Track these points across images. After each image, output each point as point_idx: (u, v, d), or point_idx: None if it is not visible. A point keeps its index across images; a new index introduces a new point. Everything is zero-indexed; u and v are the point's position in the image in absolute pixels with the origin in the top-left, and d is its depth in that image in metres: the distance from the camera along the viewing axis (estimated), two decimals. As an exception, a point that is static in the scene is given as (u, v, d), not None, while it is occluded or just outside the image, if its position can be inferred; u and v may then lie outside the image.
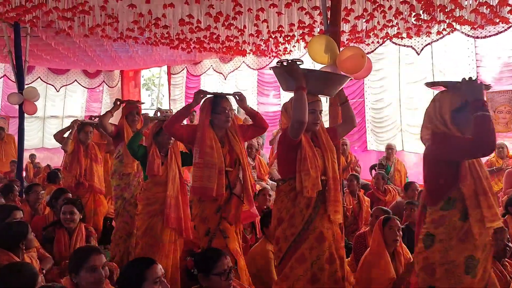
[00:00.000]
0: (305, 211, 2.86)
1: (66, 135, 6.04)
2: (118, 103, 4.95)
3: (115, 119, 5.08)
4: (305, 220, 2.86)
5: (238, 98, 3.56)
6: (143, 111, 6.24)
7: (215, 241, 3.34)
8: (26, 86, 7.41)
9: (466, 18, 6.19)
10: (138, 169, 4.67)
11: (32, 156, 10.86)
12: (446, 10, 5.77)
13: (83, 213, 4.25)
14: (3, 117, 12.33)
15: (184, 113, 3.55)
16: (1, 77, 12.37)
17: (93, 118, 6.29)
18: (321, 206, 2.90)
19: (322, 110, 3.06)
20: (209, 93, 3.51)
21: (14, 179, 6.65)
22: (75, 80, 13.63)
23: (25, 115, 7.48)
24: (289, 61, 2.92)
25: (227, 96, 3.54)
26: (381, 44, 8.34)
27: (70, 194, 4.87)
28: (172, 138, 3.89)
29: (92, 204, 5.40)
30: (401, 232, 3.55)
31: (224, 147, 3.46)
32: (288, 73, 2.90)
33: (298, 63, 2.90)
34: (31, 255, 3.36)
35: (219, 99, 3.49)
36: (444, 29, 7.07)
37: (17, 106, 7.53)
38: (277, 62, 3.02)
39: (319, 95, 3.05)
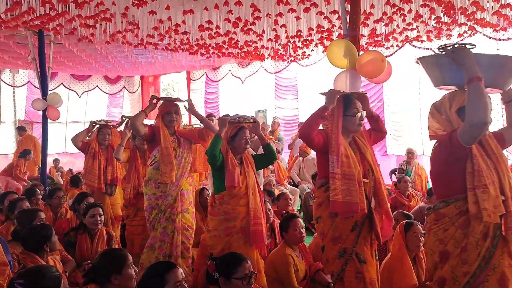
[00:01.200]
0: (481, 243, 2.25)
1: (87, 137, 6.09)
2: (155, 101, 4.12)
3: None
4: (482, 255, 2.25)
5: (362, 99, 3.16)
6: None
7: (349, 264, 2.95)
8: (49, 92, 7.58)
9: (488, 20, 6.10)
10: (176, 178, 4.06)
11: (55, 161, 11.07)
12: (467, 12, 5.70)
13: (104, 216, 4.33)
14: (27, 122, 12.60)
15: (322, 115, 2.92)
16: (25, 83, 12.65)
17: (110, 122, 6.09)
18: (500, 236, 2.27)
19: (493, 109, 2.42)
20: (344, 93, 3.07)
21: (38, 183, 6.78)
22: (97, 86, 13.90)
23: (48, 120, 7.65)
24: (456, 45, 2.36)
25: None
26: (400, 47, 8.27)
27: (93, 198, 4.95)
28: (249, 143, 3.59)
29: None
30: (423, 238, 3.50)
31: (356, 154, 3.02)
32: (456, 61, 2.33)
33: (469, 47, 2.31)
34: (54, 257, 3.43)
35: (351, 99, 3.07)
36: (465, 32, 6.97)
37: (40, 112, 7.70)
38: (438, 48, 2.46)
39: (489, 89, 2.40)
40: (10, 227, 4.10)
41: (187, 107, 4.17)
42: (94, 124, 5.44)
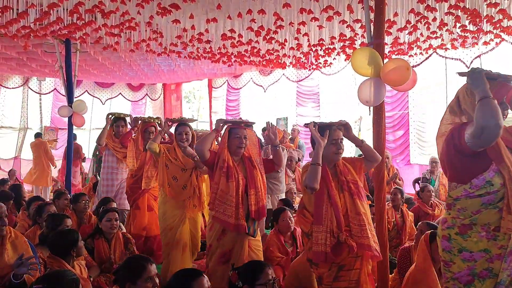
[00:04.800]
0: None
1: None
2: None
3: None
4: None
5: None
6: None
7: None
8: (74, 100, 7.73)
9: (514, 28, 6.01)
10: None
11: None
12: (494, 20, 5.61)
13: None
14: (52, 129, 12.88)
15: None
16: (51, 91, 12.98)
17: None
18: None
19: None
20: None
21: (64, 189, 6.90)
22: (120, 93, 14.14)
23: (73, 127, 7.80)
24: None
25: None
26: (427, 58, 8.22)
27: (115, 204, 5.02)
28: None
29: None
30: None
31: None
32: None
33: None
34: (79, 262, 3.48)
35: None
36: (491, 40, 6.86)
37: (66, 119, 7.85)
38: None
39: None
40: (37, 231, 4.21)
41: None
42: (222, 124, 3.64)
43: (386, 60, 3.61)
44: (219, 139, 4.39)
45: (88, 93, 13.48)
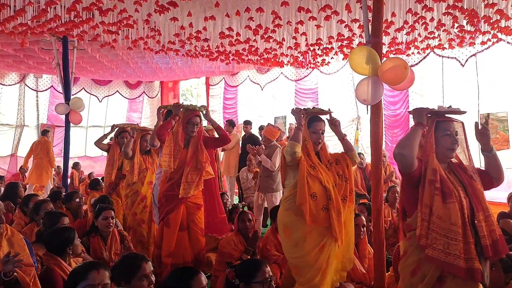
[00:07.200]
0: None
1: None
2: None
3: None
4: None
5: None
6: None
7: None
8: (71, 97, 7.71)
9: (512, 28, 6.03)
10: None
11: (76, 164, 11.21)
12: (491, 21, 5.63)
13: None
14: (49, 126, 12.85)
15: None
16: (48, 88, 12.94)
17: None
18: None
19: None
20: None
21: (60, 186, 6.89)
22: (117, 91, 14.13)
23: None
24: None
25: None
26: (425, 57, 8.23)
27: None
28: None
29: None
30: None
31: None
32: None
33: None
34: (76, 260, 3.47)
35: None
36: (488, 39, 6.89)
37: (63, 116, 7.82)
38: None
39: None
40: (34, 228, 4.20)
41: None
42: (425, 114, 2.57)
43: (384, 59, 3.61)
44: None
45: (85, 90, 13.44)
